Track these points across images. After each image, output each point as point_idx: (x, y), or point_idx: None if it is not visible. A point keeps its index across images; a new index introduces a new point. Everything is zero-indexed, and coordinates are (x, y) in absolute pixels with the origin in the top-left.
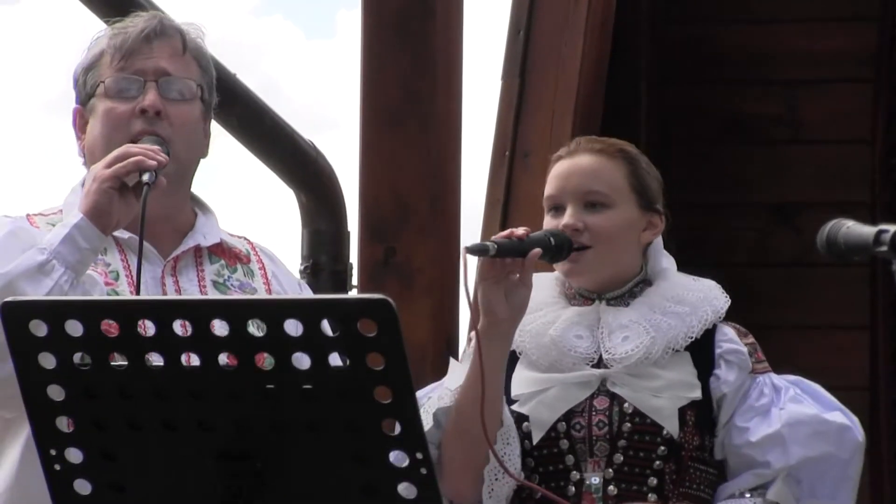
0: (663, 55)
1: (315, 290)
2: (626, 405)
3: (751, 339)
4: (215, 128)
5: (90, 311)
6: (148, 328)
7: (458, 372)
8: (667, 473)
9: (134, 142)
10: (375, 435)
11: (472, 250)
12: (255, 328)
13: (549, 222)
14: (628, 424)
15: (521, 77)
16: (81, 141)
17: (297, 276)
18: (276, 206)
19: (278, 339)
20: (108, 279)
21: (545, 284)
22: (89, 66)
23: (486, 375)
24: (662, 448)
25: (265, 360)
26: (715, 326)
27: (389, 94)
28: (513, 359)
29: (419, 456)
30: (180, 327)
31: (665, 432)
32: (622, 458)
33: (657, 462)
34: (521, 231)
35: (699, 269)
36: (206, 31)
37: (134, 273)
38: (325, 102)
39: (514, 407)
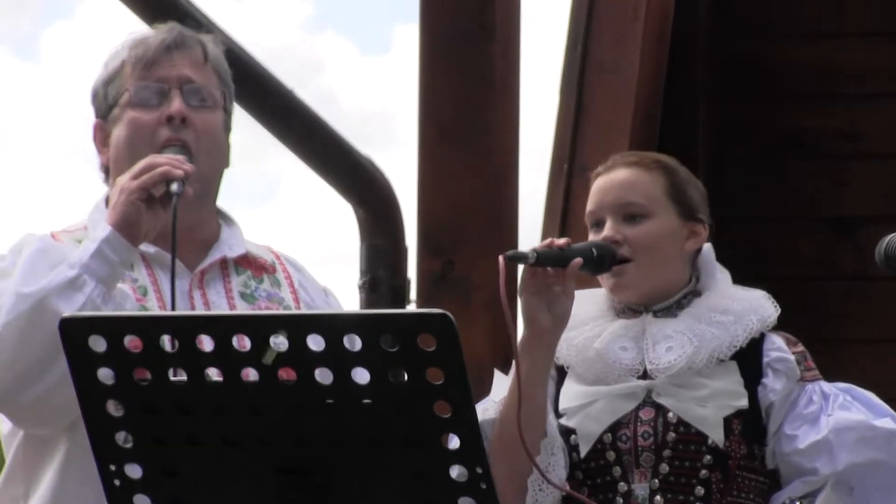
0: (721, 69)
1: (373, 305)
2: (670, 415)
3: (800, 348)
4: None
5: (149, 327)
6: (206, 343)
7: (502, 383)
8: (713, 483)
9: (159, 151)
10: (435, 449)
11: (511, 257)
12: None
13: (592, 239)
14: (673, 434)
15: (578, 91)
16: (103, 155)
17: (356, 289)
18: (335, 221)
19: (337, 353)
20: (137, 295)
21: (594, 299)
22: (109, 78)
23: (526, 386)
24: (708, 457)
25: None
26: (763, 336)
27: (447, 108)
28: (563, 373)
29: (479, 470)
30: (239, 342)
31: (710, 441)
32: (668, 469)
33: (703, 471)
34: (561, 241)
35: (759, 282)
36: (223, 45)
37: (162, 288)
38: (381, 117)
39: (562, 420)
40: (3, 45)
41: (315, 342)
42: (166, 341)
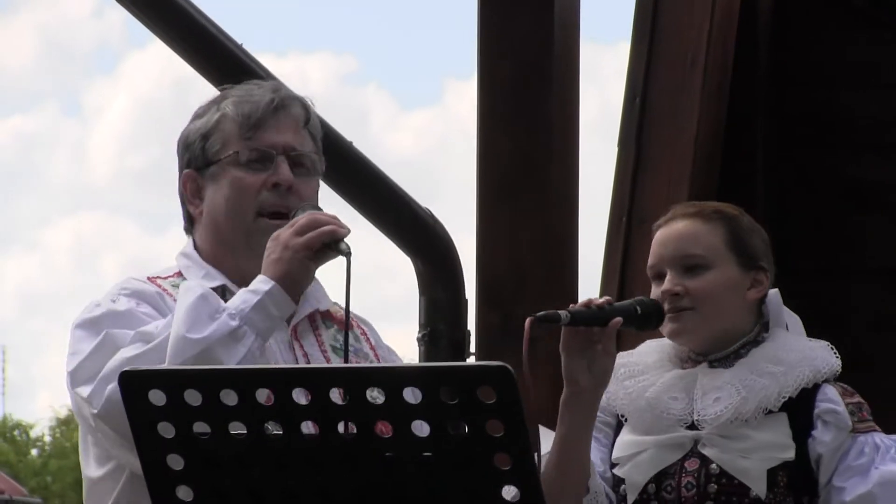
0: (780, 120)
1: (433, 358)
2: (713, 466)
3: (856, 399)
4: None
5: (209, 381)
6: (266, 397)
7: (548, 439)
8: None
9: (262, 213)
10: (495, 502)
11: (542, 319)
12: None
13: (654, 291)
14: (714, 486)
15: (637, 143)
16: (192, 206)
17: (416, 342)
18: (394, 273)
19: (397, 406)
20: None
21: (659, 348)
22: (208, 132)
23: (565, 443)
24: None
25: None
26: (817, 386)
27: (506, 162)
28: (620, 422)
29: None
30: (299, 396)
31: (753, 494)
32: None
33: None
34: (600, 300)
35: (817, 334)
36: (315, 102)
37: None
38: (425, 169)
39: (615, 470)
40: (50, 98)
41: (374, 395)
42: (226, 396)
